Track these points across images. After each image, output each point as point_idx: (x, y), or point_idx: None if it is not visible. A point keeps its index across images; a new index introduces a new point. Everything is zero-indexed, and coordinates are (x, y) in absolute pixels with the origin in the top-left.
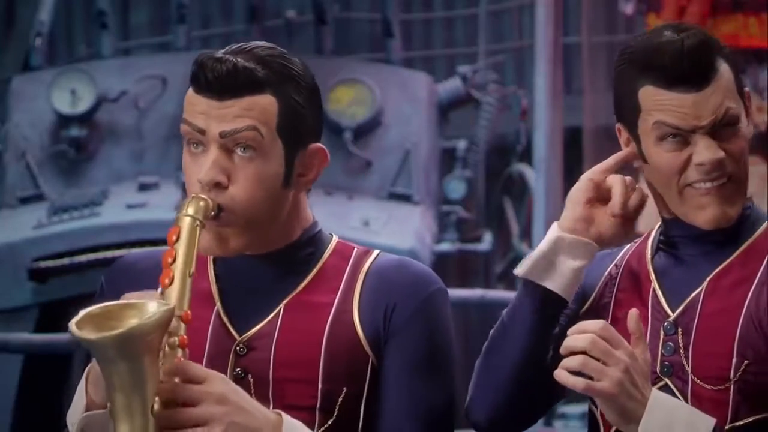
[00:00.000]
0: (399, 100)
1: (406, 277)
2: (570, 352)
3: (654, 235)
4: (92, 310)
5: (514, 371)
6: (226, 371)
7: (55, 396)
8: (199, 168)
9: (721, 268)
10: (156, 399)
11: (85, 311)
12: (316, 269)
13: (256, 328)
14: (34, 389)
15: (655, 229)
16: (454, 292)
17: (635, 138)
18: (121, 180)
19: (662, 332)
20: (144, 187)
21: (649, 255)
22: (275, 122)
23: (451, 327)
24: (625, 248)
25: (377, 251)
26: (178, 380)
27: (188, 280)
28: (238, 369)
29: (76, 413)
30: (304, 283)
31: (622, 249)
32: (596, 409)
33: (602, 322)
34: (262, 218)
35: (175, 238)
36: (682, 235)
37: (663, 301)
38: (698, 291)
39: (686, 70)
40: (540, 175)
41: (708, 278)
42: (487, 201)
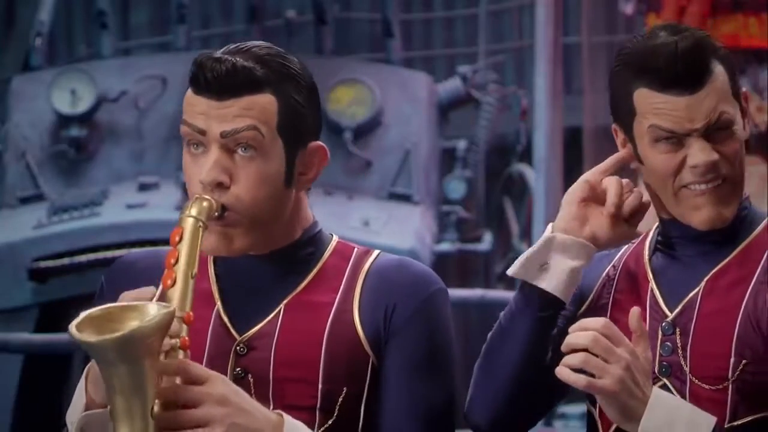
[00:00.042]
0: (399, 100)
1: (406, 277)
2: (571, 350)
3: (652, 236)
4: (92, 312)
5: (513, 373)
6: (226, 371)
7: (55, 396)
8: (200, 169)
9: (718, 268)
10: (156, 401)
11: (85, 313)
12: (316, 269)
13: (256, 328)
14: (34, 389)
15: (653, 230)
16: (454, 292)
17: (631, 139)
18: (121, 180)
19: (660, 332)
20: (144, 187)
21: (646, 255)
22: (275, 121)
23: (451, 327)
24: (623, 249)
25: (377, 251)
26: (179, 381)
27: (191, 282)
28: (238, 369)
29: (75, 412)
30: (304, 283)
31: (619, 250)
32: (594, 409)
33: (604, 320)
34: (265, 217)
35: (177, 239)
36: (679, 236)
37: (661, 301)
38: (696, 291)
39: (680, 72)
40: (540, 175)
41: (706, 278)
42: (487, 201)
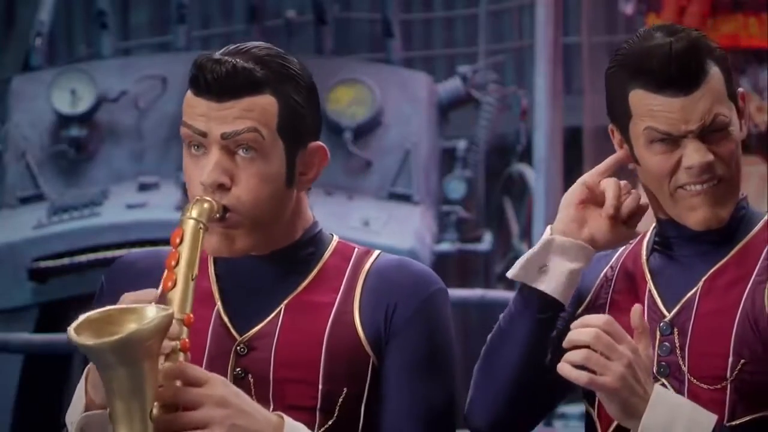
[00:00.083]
0: (399, 100)
1: (406, 277)
2: (573, 346)
3: (649, 236)
4: (91, 315)
5: (513, 375)
6: (226, 371)
7: (55, 396)
8: (201, 170)
9: (716, 268)
10: (155, 404)
11: (84, 316)
12: (316, 269)
13: (256, 328)
14: (34, 389)
15: (650, 230)
16: (454, 292)
17: (627, 140)
18: (121, 180)
19: (658, 333)
20: (144, 187)
21: (644, 256)
22: (275, 122)
23: (451, 327)
24: (620, 250)
25: (378, 251)
26: (179, 384)
27: (191, 284)
28: (238, 369)
29: (75, 413)
30: (304, 283)
31: (617, 251)
32: (593, 410)
33: (606, 317)
34: (266, 218)
35: (178, 240)
36: (677, 236)
37: (659, 301)
38: (694, 291)
39: (674, 73)
40: (540, 175)
41: (703, 278)
42: (487, 201)
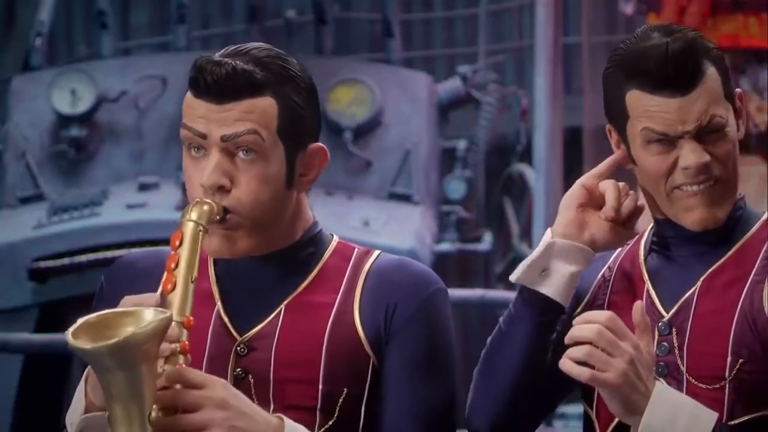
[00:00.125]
0: (399, 100)
1: (406, 277)
2: (575, 342)
3: (647, 237)
4: (89, 318)
5: (513, 377)
6: (226, 371)
7: (55, 396)
8: (201, 172)
9: (714, 268)
10: (154, 407)
11: (83, 320)
12: (316, 269)
13: (256, 329)
14: (34, 389)
15: (648, 231)
16: (454, 292)
17: (624, 141)
18: (121, 180)
19: (657, 333)
20: (144, 187)
21: (642, 256)
22: (275, 124)
23: (451, 327)
24: (618, 250)
25: (378, 251)
26: (179, 386)
27: (191, 286)
28: (238, 369)
29: (75, 414)
30: (304, 284)
31: (614, 251)
32: (591, 410)
33: (609, 313)
34: (267, 219)
35: (178, 243)
36: (674, 236)
37: (657, 301)
38: (692, 291)
39: (671, 74)
40: (540, 175)
41: (701, 278)
42: (487, 201)
